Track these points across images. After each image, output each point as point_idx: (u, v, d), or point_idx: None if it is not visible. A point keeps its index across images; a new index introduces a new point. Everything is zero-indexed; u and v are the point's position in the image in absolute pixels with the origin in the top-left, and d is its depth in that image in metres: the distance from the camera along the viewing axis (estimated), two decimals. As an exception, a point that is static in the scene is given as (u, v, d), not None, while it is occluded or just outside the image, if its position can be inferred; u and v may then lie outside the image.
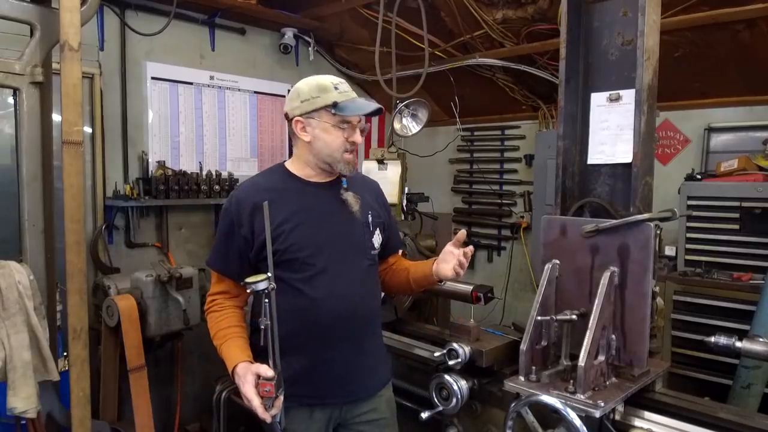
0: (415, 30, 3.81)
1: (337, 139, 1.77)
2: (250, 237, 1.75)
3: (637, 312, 1.68)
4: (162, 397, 3.38)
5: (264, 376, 1.54)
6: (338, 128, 1.76)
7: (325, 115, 1.75)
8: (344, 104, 1.74)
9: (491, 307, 3.76)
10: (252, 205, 1.74)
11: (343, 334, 1.79)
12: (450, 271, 1.85)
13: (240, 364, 1.63)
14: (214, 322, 1.78)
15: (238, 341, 1.73)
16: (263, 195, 1.74)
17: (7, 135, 2.97)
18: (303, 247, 1.74)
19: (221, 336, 1.75)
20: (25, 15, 2.21)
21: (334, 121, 1.75)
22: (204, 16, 3.85)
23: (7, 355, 2.07)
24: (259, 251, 1.73)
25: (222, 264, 1.81)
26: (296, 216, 1.76)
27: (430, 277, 1.94)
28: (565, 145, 1.93)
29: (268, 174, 1.91)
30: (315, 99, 1.75)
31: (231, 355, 1.68)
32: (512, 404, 1.65)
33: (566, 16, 1.88)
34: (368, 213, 1.89)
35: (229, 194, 3.63)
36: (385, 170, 3.23)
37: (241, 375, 1.60)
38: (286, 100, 1.85)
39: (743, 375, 2.51)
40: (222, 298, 1.82)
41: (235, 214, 1.76)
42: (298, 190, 1.82)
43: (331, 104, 1.74)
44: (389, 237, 2.01)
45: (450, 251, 1.88)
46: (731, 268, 2.99)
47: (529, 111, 4.37)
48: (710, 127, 3.55)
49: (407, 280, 2.03)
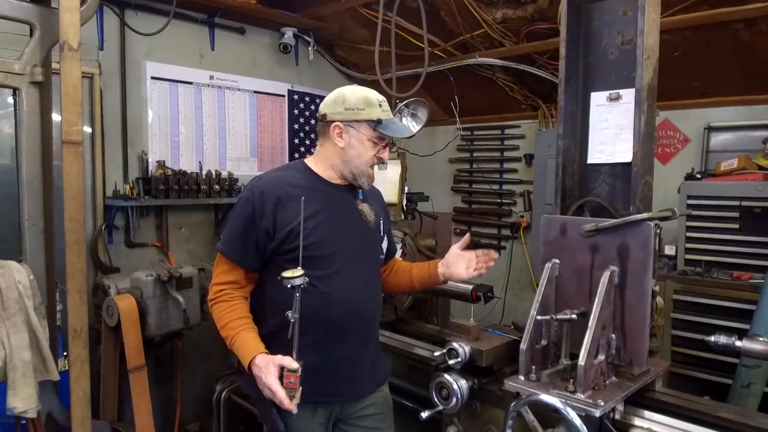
0: (414, 29, 3.81)
1: (369, 152, 1.84)
2: (271, 230, 1.76)
3: (637, 311, 1.68)
4: (162, 396, 3.38)
5: (289, 368, 1.56)
6: (373, 143, 1.83)
7: (365, 128, 1.82)
8: (386, 123, 1.82)
9: (491, 307, 3.76)
10: (276, 198, 1.77)
11: (352, 334, 1.83)
12: (464, 271, 1.94)
13: (259, 356, 1.65)
14: (224, 312, 1.78)
15: (251, 332, 1.74)
16: (287, 189, 1.79)
17: (7, 135, 2.97)
18: (323, 246, 1.78)
19: (233, 327, 1.75)
20: (24, 15, 2.21)
21: (371, 136, 1.82)
22: (204, 16, 3.85)
23: (7, 355, 2.07)
24: (279, 245, 1.76)
25: (238, 254, 1.80)
26: (319, 215, 1.79)
27: (435, 278, 2.02)
28: (564, 145, 1.93)
29: (290, 170, 1.92)
30: (360, 111, 1.81)
31: (248, 345, 1.70)
32: (512, 404, 1.65)
33: (566, 15, 1.88)
34: (379, 220, 1.96)
35: (228, 194, 3.71)
36: (385, 170, 3.22)
37: (262, 366, 1.62)
38: (327, 100, 1.88)
39: (743, 374, 2.51)
40: (231, 288, 1.81)
41: (258, 205, 1.77)
42: (321, 190, 1.85)
43: (375, 120, 1.80)
44: (389, 243, 2.07)
45: (459, 254, 1.96)
46: (731, 268, 2.99)
47: (529, 110, 4.37)
48: (710, 127, 3.55)
49: (410, 280, 2.09)
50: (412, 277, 2.08)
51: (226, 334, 1.76)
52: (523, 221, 4.46)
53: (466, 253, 1.96)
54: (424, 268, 2.07)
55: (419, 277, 2.06)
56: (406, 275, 2.10)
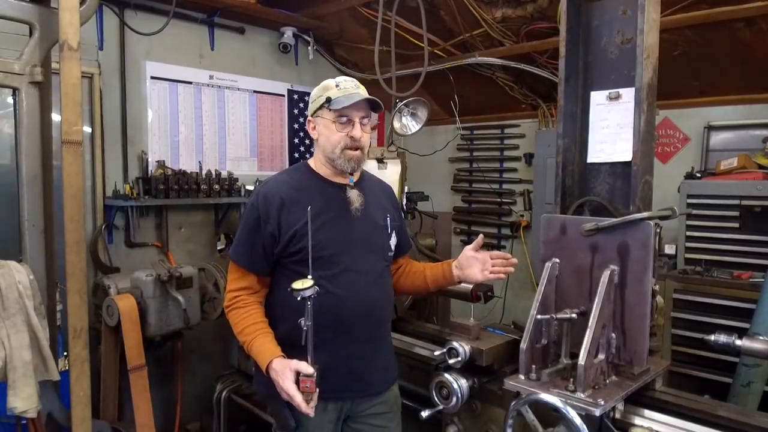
0: (414, 29, 3.81)
1: (336, 134, 1.81)
2: (276, 233, 1.77)
3: (637, 310, 1.68)
4: (162, 396, 3.38)
5: (304, 373, 1.60)
6: (338, 123, 1.81)
7: (325, 112, 1.82)
8: (337, 99, 1.79)
9: (491, 306, 3.75)
10: (280, 200, 1.78)
11: (362, 332, 1.83)
12: (479, 274, 1.93)
13: (276, 359, 1.68)
14: (240, 318, 1.80)
15: (268, 336, 1.77)
16: (290, 192, 1.80)
17: (6, 135, 2.97)
18: (328, 246, 1.78)
19: (250, 332, 1.77)
20: (24, 15, 2.21)
21: (332, 117, 1.81)
22: (203, 16, 3.85)
23: (7, 355, 2.07)
24: (285, 247, 1.77)
25: (248, 260, 1.82)
26: (322, 215, 1.79)
27: (450, 279, 2.02)
28: (564, 144, 1.93)
29: (293, 172, 1.94)
30: (319, 98, 1.83)
31: (265, 349, 1.72)
32: (512, 403, 1.65)
33: (566, 14, 1.88)
34: (386, 216, 1.94)
35: (227, 194, 3.71)
36: (385, 169, 3.23)
37: (279, 370, 1.65)
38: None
39: (743, 373, 2.51)
40: (245, 294, 1.83)
41: (262, 210, 1.78)
42: (322, 189, 1.86)
43: (326, 100, 1.80)
44: (400, 238, 2.04)
45: (473, 256, 1.95)
46: (731, 267, 2.99)
47: (529, 110, 4.37)
48: (710, 126, 3.54)
49: (425, 282, 2.07)
50: (426, 278, 2.06)
51: (243, 340, 1.79)
52: (523, 220, 4.46)
53: (479, 254, 1.94)
54: (437, 269, 2.05)
55: (433, 279, 2.05)
56: (420, 276, 2.08)
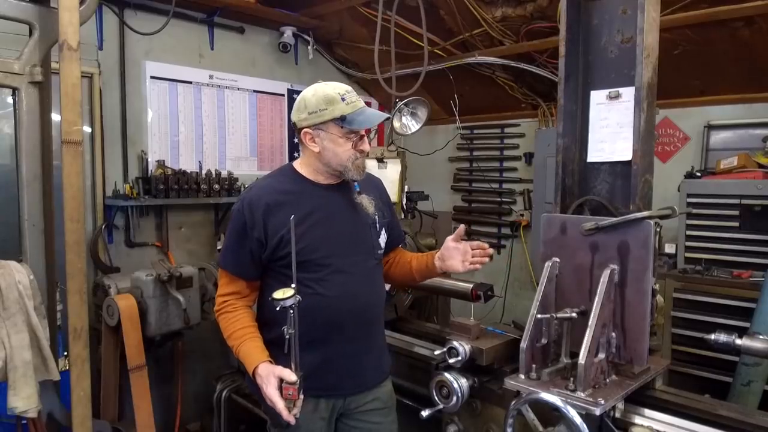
0: (414, 28, 3.80)
1: (346, 150, 1.78)
2: (263, 238, 1.76)
3: (637, 310, 1.68)
4: (162, 396, 3.38)
5: (287, 381, 1.59)
6: (347, 139, 1.77)
7: (333, 128, 1.76)
8: (352, 117, 1.75)
9: (491, 306, 3.75)
10: (265, 206, 1.76)
11: (353, 331, 1.83)
12: (460, 265, 1.91)
13: (261, 365, 1.67)
14: (229, 323, 1.80)
15: (255, 341, 1.76)
16: (276, 197, 1.78)
17: (6, 135, 2.97)
18: (316, 249, 1.77)
19: (237, 336, 1.77)
20: (23, 14, 2.21)
21: (342, 133, 1.76)
22: (203, 15, 3.85)
23: (7, 355, 2.07)
24: (273, 252, 1.76)
25: (234, 265, 1.83)
26: (309, 218, 1.78)
27: (433, 270, 2.00)
28: (564, 143, 1.93)
29: (278, 176, 1.91)
30: (323, 111, 1.75)
31: (251, 354, 1.72)
32: (512, 402, 1.65)
33: (565, 14, 1.88)
34: (376, 214, 1.93)
35: (227, 193, 3.71)
36: (385, 169, 3.23)
37: (264, 376, 1.64)
38: (294, 108, 1.85)
39: (743, 372, 2.52)
40: (233, 298, 1.83)
41: (248, 216, 1.77)
42: (309, 193, 1.84)
43: (339, 117, 1.74)
44: (392, 232, 2.04)
45: (454, 247, 1.93)
46: (731, 266, 2.99)
47: (529, 109, 4.37)
48: (710, 125, 3.54)
49: (410, 272, 2.07)
50: (412, 269, 2.07)
51: (231, 344, 1.79)
52: (523, 220, 4.46)
53: (460, 245, 1.92)
54: (422, 260, 2.06)
55: (419, 270, 2.05)
56: (407, 267, 2.08)
